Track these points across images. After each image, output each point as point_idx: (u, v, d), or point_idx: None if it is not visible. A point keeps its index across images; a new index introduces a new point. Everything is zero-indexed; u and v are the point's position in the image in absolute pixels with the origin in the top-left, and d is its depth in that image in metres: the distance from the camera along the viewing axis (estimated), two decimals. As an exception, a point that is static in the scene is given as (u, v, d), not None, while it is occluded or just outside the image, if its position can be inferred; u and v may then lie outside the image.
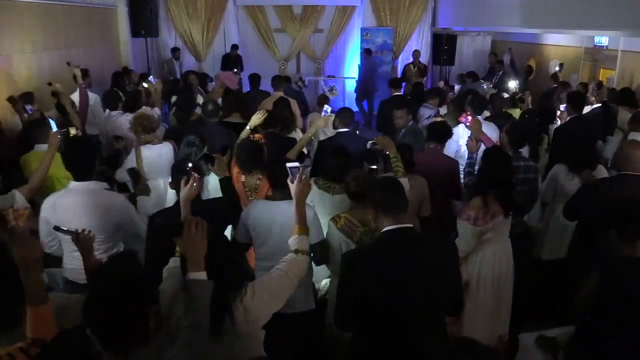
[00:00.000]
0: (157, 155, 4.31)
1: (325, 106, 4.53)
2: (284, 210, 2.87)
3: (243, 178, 3.73)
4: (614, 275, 2.46)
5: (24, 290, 1.82)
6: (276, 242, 2.88)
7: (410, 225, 2.34)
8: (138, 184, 3.90)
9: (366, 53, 11.19)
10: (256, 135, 3.94)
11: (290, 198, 2.75)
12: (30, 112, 5.22)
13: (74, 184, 2.97)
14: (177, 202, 3.10)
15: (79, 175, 2.97)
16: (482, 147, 3.94)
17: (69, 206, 2.89)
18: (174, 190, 3.89)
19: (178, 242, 1.94)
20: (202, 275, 1.82)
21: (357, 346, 2.39)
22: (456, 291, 2.40)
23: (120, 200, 3.01)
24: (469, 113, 4.19)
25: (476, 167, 3.78)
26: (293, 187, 2.50)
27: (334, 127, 4.74)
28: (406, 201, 2.37)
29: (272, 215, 2.94)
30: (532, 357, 2.90)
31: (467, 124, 4.07)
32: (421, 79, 10.25)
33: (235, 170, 3.79)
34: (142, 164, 4.17)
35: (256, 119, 4.28)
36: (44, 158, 3.44)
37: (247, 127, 4.22)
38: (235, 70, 9.51)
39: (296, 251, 2.29)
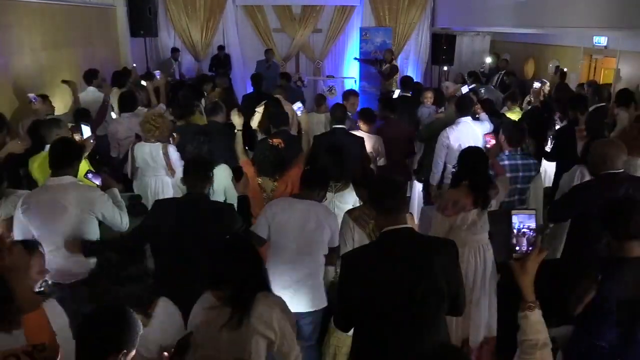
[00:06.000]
0: (148, 153, 4.36)
1: (298, 103, 4.48)
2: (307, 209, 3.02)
3: (260, 179, 3.70)
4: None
5: (16, 298, 1.87)
6: (295, 237, 3.04)
7: (410, 225, 2.34)
8: None
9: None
10: (275, 140, 3.93)
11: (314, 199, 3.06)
12: (34, 101, 5.20)
13: (49, 180, 2.99)
14: None
15: (58, 171, 2.99)
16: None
17: (46, 203, 2.89)
18: (172, 190, 3.91)
19: None
20: None
21: (357, 346, 2.39)
22: (457, 291, 2.40)
23: (98, 193, 3.02)
24: (492, 136, 4.21)
25: None
26: None
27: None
28: (405, 201, 2.37)
29: (303, 214, 3.04)
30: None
31: (488, 145, 4.10)
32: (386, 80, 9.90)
33: (250, 170, 3.76)
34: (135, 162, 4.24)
35: (257, 118, 4.27)
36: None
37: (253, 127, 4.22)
38: (222, 70, 9.53)
39: None
